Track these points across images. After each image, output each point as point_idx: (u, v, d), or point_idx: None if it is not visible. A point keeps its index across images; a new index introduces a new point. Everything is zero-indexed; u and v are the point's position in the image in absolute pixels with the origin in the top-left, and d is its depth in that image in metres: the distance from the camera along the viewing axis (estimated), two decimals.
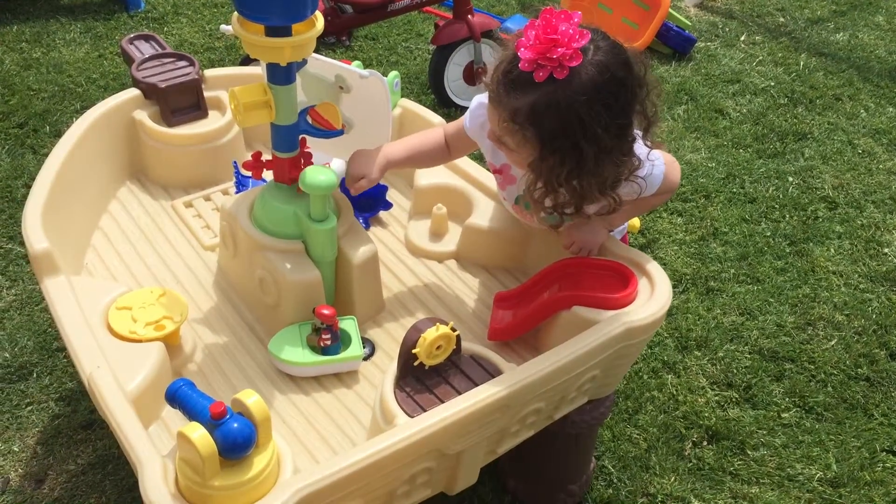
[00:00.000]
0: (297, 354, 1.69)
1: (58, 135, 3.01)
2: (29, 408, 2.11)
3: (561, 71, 1.43)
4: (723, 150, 3.21)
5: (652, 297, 1.66)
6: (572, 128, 1.46)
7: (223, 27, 1.79)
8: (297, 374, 1.70)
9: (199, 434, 1.25)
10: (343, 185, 1.98)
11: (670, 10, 3.67)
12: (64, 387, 2.16)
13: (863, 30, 4.09)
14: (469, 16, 3.19)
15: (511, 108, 1.48)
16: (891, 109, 3.50)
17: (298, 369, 1.70)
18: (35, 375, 2.18)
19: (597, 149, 1.48)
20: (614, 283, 1.71)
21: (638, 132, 1.59)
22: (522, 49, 1.44)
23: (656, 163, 1.67)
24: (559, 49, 1.42)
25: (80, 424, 2.08)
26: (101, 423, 2.06)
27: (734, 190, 3.01)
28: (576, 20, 1.45)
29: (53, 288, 1.64)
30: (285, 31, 1.55)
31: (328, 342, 1.68)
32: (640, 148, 1.60)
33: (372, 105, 1.79)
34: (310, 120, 1.74)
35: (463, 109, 3.31)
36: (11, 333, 2.28)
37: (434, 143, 1.84)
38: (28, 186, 2.75)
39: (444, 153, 1.85)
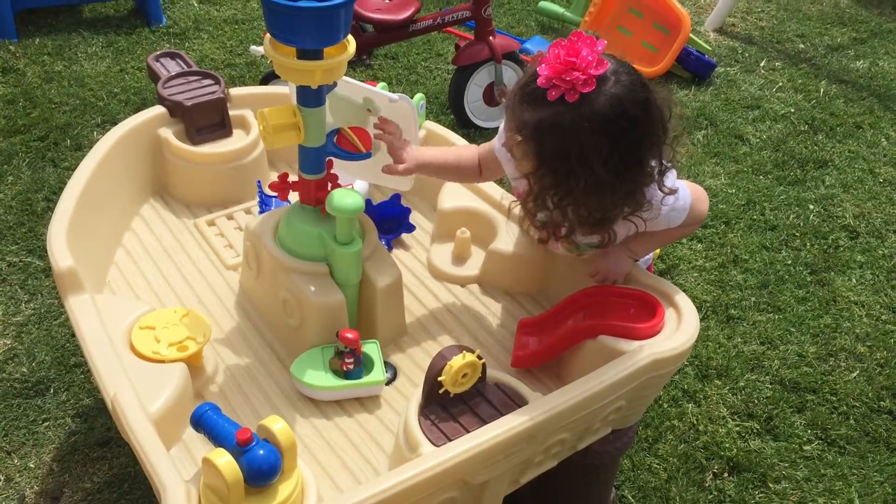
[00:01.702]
0: (319, 378, 1.67)
1: (78, 148, 3.02)
2: (45, 424, 2.10)
3: (573, 94, 1.44)
4: (743, 177, 3.19)
5: (679, 328, 1.64)
6: (570, 153, 1.46)
7: (253, 48, 1.79)
8: (318, 398, 1.69)
9: (224, 461, 1.24)
10: (368, 208, 1.98)
11: (690, 35, 3.66)
12: (81, 403, 2.15)
13: (883, 58, 4.08)
14: (490, 37, 3.19)
15: (520, 120, 1.50)
16: None
17: (320, 393, 1.68)
18: (52, 391, 2.18)
19: (590, 180, 1.47)
20: (640, 313, 1.69)
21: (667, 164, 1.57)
22: (542, 66, 1.45)
23: (680, 195, 1.65)
24: (575, 73, 1.43)
25: (97, 441, 2.07)
26: (118, 441, 2.05)
27: (754, 217, 2.99)
28: (599, 48, 1.45)
29: (77, 306, 1.64)
30: (317, 55, 1.55)
31: (351, 366, 1.67)
32: (651, 190, 1.57)
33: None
34: (340, 143, 1.74)
35: (482, 130, 3.32)
36: (29, 348, 2.28)
37: (468, 159, 1.84)
38: (48, 200, 2.76)
39: (475, 172, 1.85)
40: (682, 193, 1.65)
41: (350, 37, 1.58)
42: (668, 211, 1.64)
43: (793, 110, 3.61)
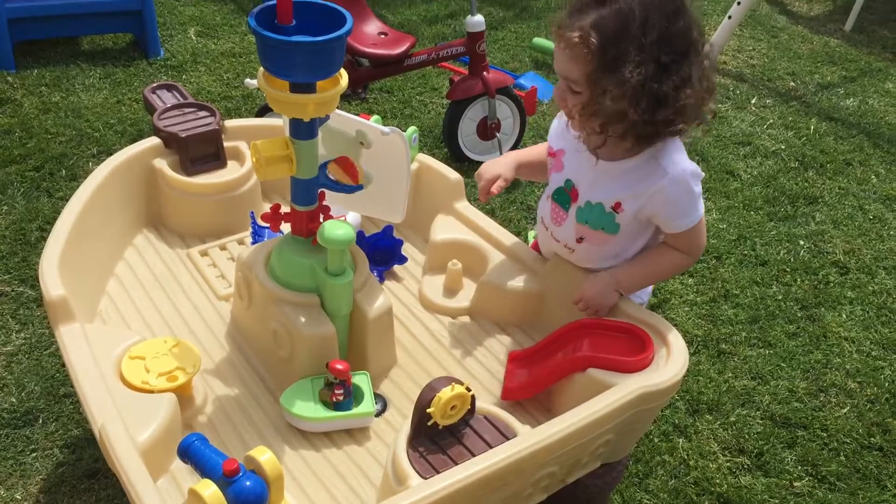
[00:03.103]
0: (308, 409, 1.67)
1: (73, 178, 3.03)
2: (33, 454, 2.09)
3: None
4: (734, 212, 3.22)
5: (668, 362, 1.65)
6: (633, 31, 1.53)
7: (247, 81, 1.81)
8: (308, 429, 1.69)
9: (210, 492, 1.24)
10: (360, 240, 1.99)
11: None
12: (69, 434, 2.14)
13: (873, 96, 4.14)
14: (484, 72, 3.23)
15: (577, 28, 1.56)
16: None
17: (310, 424, 1.68)
18: (41, 421, 2.17)
19: (658, 61, 1.55)
20: (630, 346, 1.70)
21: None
22: None
23: (687, 169, 1.72)
24: None
25: (85, 473, 2.05)
26: (105, 473, 2.03)
27: (745, 252, 3.01)
28: None
29: (68, 336, 1.64)
30: (310, 88, 1.57)
31: (341, 397, 1.67)
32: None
33: (391, 161, 1.81)
34: (330, 175, 1.75)
35: (475, 164, 3.34)
36: (19, 378, 2.27)
37: (542, 153, 1.92)
38: (42, 229, 2.77)
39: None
40: (688, 168, 1.71)
41: (343, 70, 1.61)
42: (670, 180, 1.67)
43: (783, 147, 3.65)
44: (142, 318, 1.91)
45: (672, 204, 1.70)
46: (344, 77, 1.61)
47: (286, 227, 1.80)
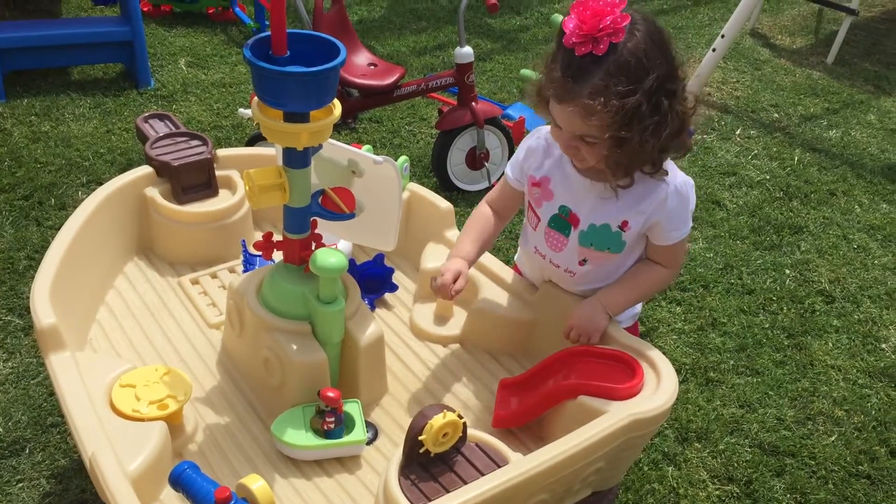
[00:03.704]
0: (300, 437, 1.67)
1: (62, 208, 3.03)
2: (20, 485, 2.07)
3: (616, 35, 1.53)
4: (720, 241, 3.25)
5: (658, 389, 1.66)
6: (642, 74, 1.55)
7: (241, 111, 1.83)
8: (299, 458, 1.68)
9: None
10: (352, 268, 2.00)
11: None
12: (56, 464, 2.13)
13: (855, 127, 4.20)
14: (473, 103, 3.27)
15: (588, 90, 1.55)
16: (884, 206, 3.57)
17: (301, 452, 1.68)
18: (28, 451, 2.15)
19: (664, 91, 1.58)
20: (620, 374, 1.71)
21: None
22: (573, 39, 1.54)
23: (683, 182, 1.76)
24: (606, 18, 1.52)
25: (71, 503, 2.03)
26: (93, 503, 2.02)
27: (732, 281, 3.03)
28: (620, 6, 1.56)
29: (58, 364, 1.64)
30: (304, 118, 1.59)
31: (332, 425, 1.67)
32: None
33: (383, 189, 1.82)
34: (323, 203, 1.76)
35: (464, 193, 3.36)
36: (6, 407, 2.25)
37: (488, 221, 1.94)
38: (30, 258, 2.76)
39: (498, 225, 1.96)
40: (687, 180, 1.77)
41: (336, 100, 1.63)
42: (672, 191, 1.73)
43: (768, 177, 3.69)
44: (132, 347, 1.90)
45: (673, 214, 1.75)
46: (337, 107, 1.63)
47: (278, 256, 1.81)
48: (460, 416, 1.54)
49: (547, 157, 1.81)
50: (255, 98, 1.61)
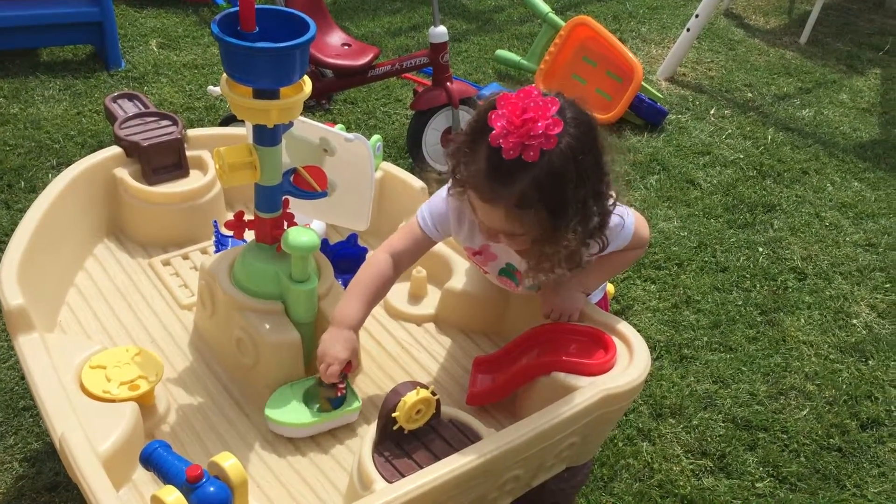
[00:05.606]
0: (299, 415, 1.67)
1: (32, 190, 2.99)
2: None
3: (548, 142, 1.44)
4: (694, 220, 3.26)
5: (631, 364, 1.67)
6: (571, 182, 1.48)
7: (210, 88, 1.81)
8: (297, 436, 1.68)
9: (173, 498, 1.23)
10: (325, 248, 1.99)
11: (643, 83, 3.76)
12: (29, 447, 2.11)
13: (827, 107, 4.23)
14: (448, 83, 3.25)
15: (515, 197, 1.48)
16: (856, 184, 3.60)
17: (301, 430, 1.67)
18: (0, 435, 2.13)
19: (592, 194, 1.53)
20: (593, 349, 1.72)
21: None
22: (501, 141, 1.44)
23: (627, 216, 1.71)
24: (538, 124, 1.43)
25: (45, 486, 2.02)
26: (66, 486, 2.00)
27: (706, 259, 3.05)
28: (553, 109, 1.46)
29: (27, 345, 1.62)
30: (273, 94, 1.57)
31: (344, 390, 1.67)
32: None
33: (355, 168, 1.81)
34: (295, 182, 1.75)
35: (439, 173, 3.35)
36: None
37: (383, 278, 1.73)
38: (0, 241, 2.72)
39: (393, 279, 1.76)
40: (627, 214, 1.72)
41: (306, 77, 1.61)
42: (619, 231, 1.69)
43: (742, 156, 3.71)
44: (103, 329, 1.89)
45: (619, 243, 1.74)
46: (307, 84, 1.61)
47: (250, 235, 1.80)
48: (434, 393, 1.55)
49: (474, 226, 1.69)
50: (225, 75, 1.59)
